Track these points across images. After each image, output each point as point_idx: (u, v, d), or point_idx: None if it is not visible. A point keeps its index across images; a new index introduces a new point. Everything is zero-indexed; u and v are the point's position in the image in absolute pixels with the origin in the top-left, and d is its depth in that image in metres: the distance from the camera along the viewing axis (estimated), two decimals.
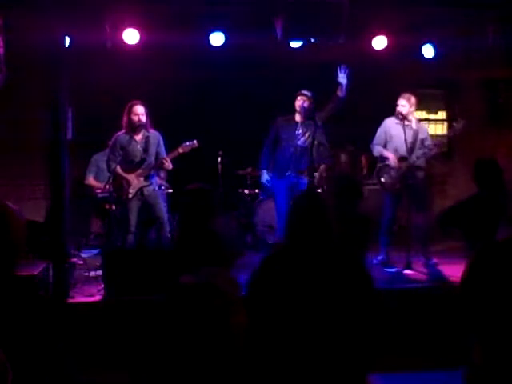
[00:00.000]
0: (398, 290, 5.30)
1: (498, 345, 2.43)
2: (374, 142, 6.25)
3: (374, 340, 2.69)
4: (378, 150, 6.21)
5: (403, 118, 6.00)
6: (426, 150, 6.00)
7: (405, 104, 6.02)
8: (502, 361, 2.41)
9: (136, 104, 5.81)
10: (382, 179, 6.10)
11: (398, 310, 4.95)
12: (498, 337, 2.44)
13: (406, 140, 5.91)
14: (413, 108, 6.08)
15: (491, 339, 2.46)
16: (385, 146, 6.17)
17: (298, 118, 6.25)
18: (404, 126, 5.98)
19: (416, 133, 6.02)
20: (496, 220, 4.54)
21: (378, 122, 6.33)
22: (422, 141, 6.04)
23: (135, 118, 5.79)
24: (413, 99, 6.06)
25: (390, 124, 6.17)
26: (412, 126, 6.06)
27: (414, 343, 4.66)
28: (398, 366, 4.40)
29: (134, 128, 5.81)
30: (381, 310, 2.72)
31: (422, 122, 6.15)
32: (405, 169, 5.96)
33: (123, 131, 5.88)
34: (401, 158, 6.00)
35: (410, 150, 5.95)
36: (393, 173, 6.03)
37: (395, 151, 6.06)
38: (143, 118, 5.81)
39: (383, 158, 6.14)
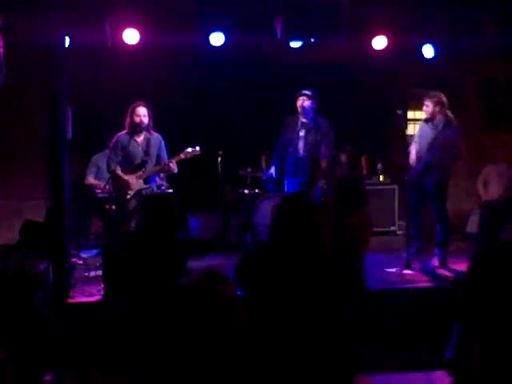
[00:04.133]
0: (398, 290, 5.31)
1: (498, 346, 2.43)
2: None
3: (354, 342, 2.68)
4: (410, 148, 6.27)
5: (428, 118, 6.09)
6: (443, 153, 6.01)
7: (428, 104, 6.09)
8: (501, 362, 2.41)
9: (139, 105, 5.79)
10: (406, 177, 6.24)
11: (398, 309, 4.96)
12: (497, 338, 2.44)
13: (426, 140, 6.07)
14: (438, 108, 6.04)
15: (491, 340, 2.46)
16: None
17: (299, 118, 6.26)
18: (428, 126, 6.12)
19: (438, 133, 6.03)
20: None
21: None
22: (443, 142, 6.01)
23: (137, 119, 5.78)
24: (437, 99, 6.07)
25: (421, 124, 6.34)
26: (437, 126, 6.07)
27: (414, 343, 4.66)
28: (398, 366, 4.40)
29: (136, 129, 5.79)
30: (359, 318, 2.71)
31: (452, 125, 6.10)
32: (420, 168, 6.05)
33: (124, 132, 5.86)
34: (419, 157, 6.14)
35: (428, 149, 6.03)
36: (411, 171, 6.13)
37: (418, 150, 6.18)
38: (145, 120, 5.79)
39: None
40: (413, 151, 6.21)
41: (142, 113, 5.78)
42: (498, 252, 2.51)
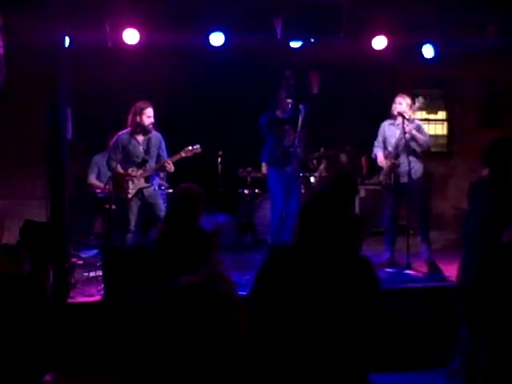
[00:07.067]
0: (398, 290, 5.31)
1: (506, 343, 2.43)
2: (375, 144, 6.37)
3: (373, 339, 2.69)
4: (374, 151, 6.33)
5: (397, 116, 6.07)
6: (417, 147, 6.06)
7: (408, 103, 6.11)
8: (509, 358, 2.41)
9: (149, 106, 5.74)
10: (380, 178, 6.26)
11: (398, 309, 4.95)
12: (506, 335, 2.44)
13: (396, 139, 6.07)
14: (407, 108, 6.09)
15: (500, 337, 2.45)
16: (385, 148, 6.26)
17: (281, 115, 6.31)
18: (396, 126, 6.13)
19: (401, 131, 6.01)
20: None
21: (378, 122, 6.35)
22: (413, 137, 6.02)
23: (148, 121, 5.76)
24: (408, 100, 6.14)
25: (385, 126, 6.29)
26: (399, 125, 6.07)
27: (414, 343, 4.66)
28: (398, 366, 4.40)
29: (145, 130, 5.78)
30: (382, 311, 2.72)
31: (416, 120, 6.22)
32: (391, 166, 6.07)
33: (126, 131, 5.84)
34: (390, 157, 6.12)
35: (397, 148, 6.04)
36: (384, 171, 6.16)
37: (388, 150, 6.18)
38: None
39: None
40: (380, 154, 6.22)
41: (152, 114, 5.77)
42: (503, 253, 2.52)
